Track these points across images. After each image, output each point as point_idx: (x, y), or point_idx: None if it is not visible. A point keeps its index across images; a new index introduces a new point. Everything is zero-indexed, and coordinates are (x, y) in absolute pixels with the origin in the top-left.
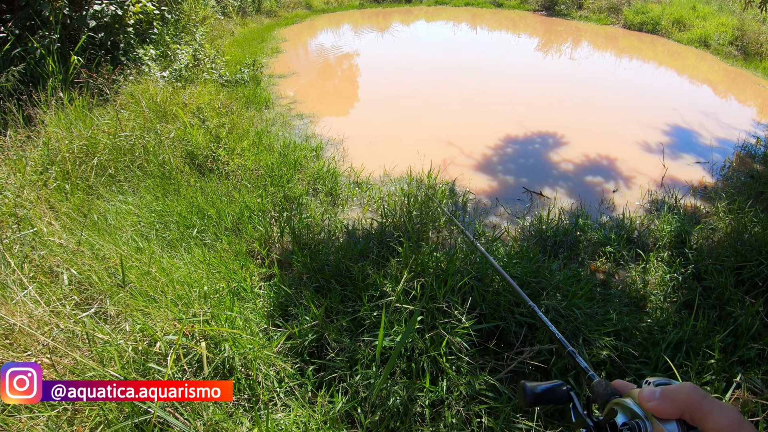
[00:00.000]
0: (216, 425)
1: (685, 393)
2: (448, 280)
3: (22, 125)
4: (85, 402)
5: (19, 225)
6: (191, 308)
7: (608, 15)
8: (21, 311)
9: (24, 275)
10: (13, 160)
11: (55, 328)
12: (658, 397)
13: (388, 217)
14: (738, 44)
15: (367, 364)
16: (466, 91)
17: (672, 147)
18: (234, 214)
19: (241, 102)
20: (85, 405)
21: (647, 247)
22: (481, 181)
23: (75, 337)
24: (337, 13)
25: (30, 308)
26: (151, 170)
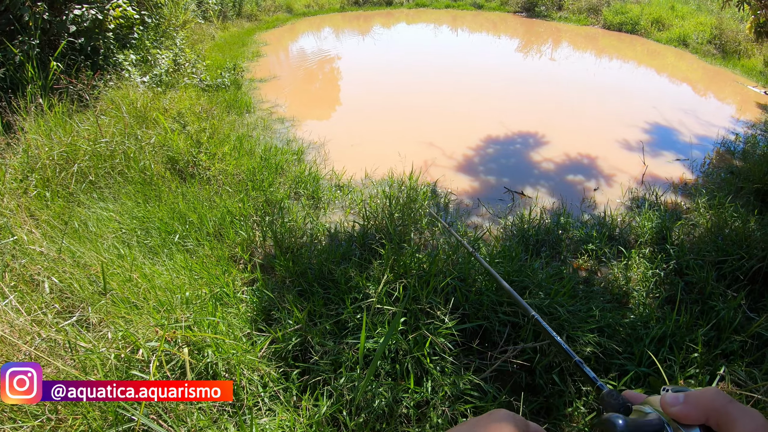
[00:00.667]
0: (200, 431)
1: (710, 397)
2: (430, 281)
3: (1, 132)
4: (68, 411)
5: (0, 233)
6: (173, 314)
7: (588, 16)
8: (2, 320)
9: (5, 284)
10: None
11: (37, 337)
12: (682, 401)
13: (369, 220)
14: (716, 43)
15: (352, 366)
16: (447, 92)
17: (652, 145)
18: (216, 219)
19: (221, 106)
20: (69, 414)
21: (629, 244)
22: (462, 181)
23: (57, 345)
24: (318, 16)
25: (11, 317)
26: (132, 176)
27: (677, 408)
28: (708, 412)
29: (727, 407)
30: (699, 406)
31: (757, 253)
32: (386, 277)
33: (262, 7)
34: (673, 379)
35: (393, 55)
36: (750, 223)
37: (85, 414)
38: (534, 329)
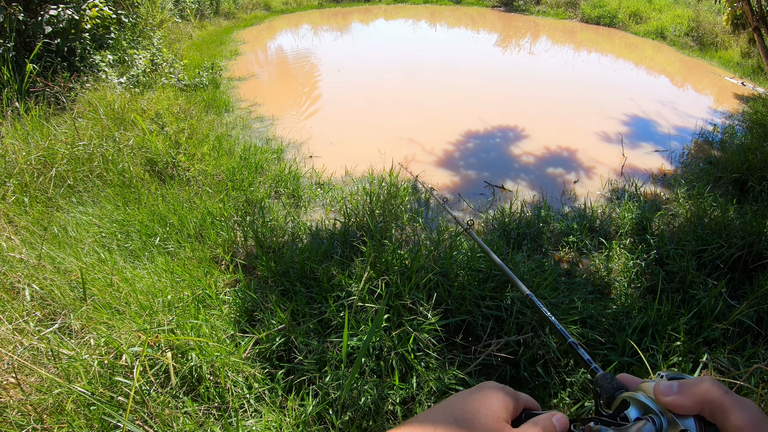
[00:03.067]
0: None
1: (705, 387)
2: (412, 277)
3: None
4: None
5: None
6: (156, 318)
7: (566, 9)
8: None
9: None
10: None
11: (20, 346)
12: (677, 391)
13: (350, 217)
14: (694, 35)
15: (336, 365)
16: (426, 88)
17: (631, 137)
18: (196, 220)
19: (200, 106)
20: (54, 423)
21: (609, 236)
22: (443, 176)
23: (40, 354)
24: (296, 13)
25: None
26: (111, 179)
27: (671, 398)
28: (703, 403)
29: (722, 398)
30: (693, 397)
31: (736, 242)
32: (368, 275)
33: (240, 5)
34: (656, 367)
35: (372, 52)
36: (729, 212)
37: (71, 422)
38: (517, 322)
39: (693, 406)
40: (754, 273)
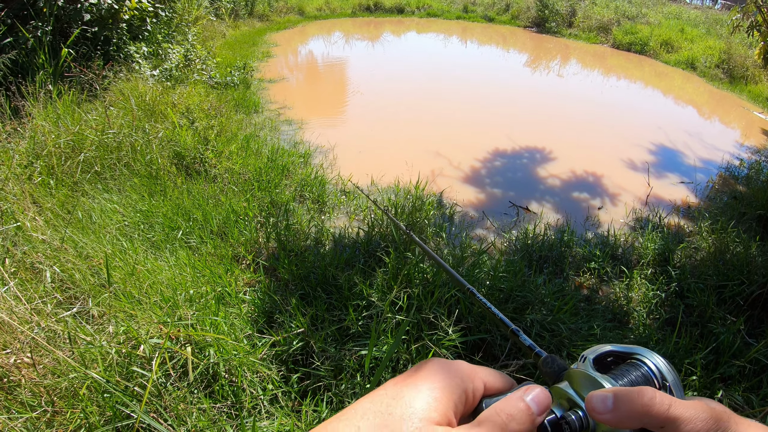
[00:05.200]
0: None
1: (646, 401)
2: (435, 291)
3: (9, 117)
4: (66, 404)
5: (2, 219)
6: (176, 311)
7: (598, 34)
8: (1, 307)
9: (5, 270)
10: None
11: (36, 327)
12: (611, 408)
13: (374, 227)
14: (724, 67)
15: (352, 373)
16: (455, 103)
17: (657, 166)
18: (220, 217)
19: (230, 105)
20: (67, 407)
21: (631, 264)
22: (468, 193)
23: (56, 336)
24: (329, 20)
25: (11, 304)
26: (138, 169)
27: (606, 416)
28: (645, 419)
29: (668, 413)
30: (634, 414)
31: (757, 279)
32: (390, 286)
33: (274, 8)
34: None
35: (402, 64)
36: (751, 249)
37: (84, 408)
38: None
39: (633, 424)
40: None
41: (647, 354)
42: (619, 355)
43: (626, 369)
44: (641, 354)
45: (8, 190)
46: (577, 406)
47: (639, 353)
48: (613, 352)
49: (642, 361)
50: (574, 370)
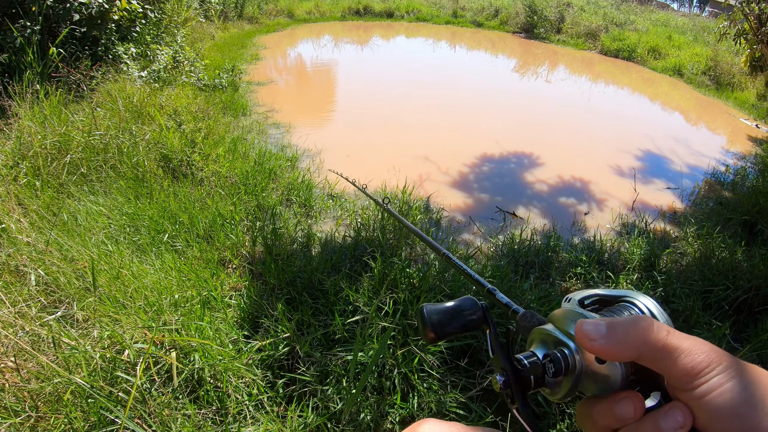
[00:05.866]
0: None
1: (643, 329)
2: (421, 296)
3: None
4: (50, 408)
5: None
6: (162, 316)
7: (586, 40)
8: None
9: None
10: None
11: (20, 330)
12: (605, 334)
13: (361, 232)
14: (711, 74)
15: (338, 378)
16: (443, 108)
17: (644, 172)
18: (206, 221)
19: (218, 107)
20: (51, 412)
21: (617, 269)
22: (456, 198)
23: (40, 340)
24: (319, 23)
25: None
26: (124, 171)
27: (599, 343)
28: (640, 349)
29: (666, 340)
30: (629, 343)
31: (742, 284)
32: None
33: (264, 10)
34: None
35: (391, 68)
36: (737, 254)
37: (68, 413)
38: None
39: (628, 354)
40: (759, 316)
41: (637, 295)
42: (607, 299)
43: (615, 309)
44: (631, 296)
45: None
46: (563, 345)
47: (628, 295)
48: (600, 296)
49: (632, 302)
50: (558, 310)
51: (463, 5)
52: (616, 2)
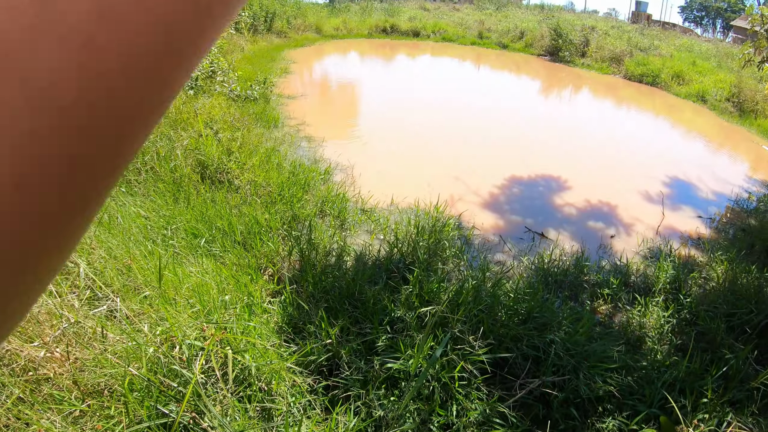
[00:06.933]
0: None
1: None
2: (461, 308)
3: None
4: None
5: None
6: (212, 315)
7: (610, 65)
8: None
9: None
10: None
11: (65, 322)
12: None
13: (395, 246)
14: (734, 101)
15: (378, 385)
16: (470, 127)
17: (670, 198)
18: (243, 227)
19: (250, 118)
20: (97, 404)
21: (643, 292)
22: (487, 218)
23: (84, 333)
24: (346, 40)
25: (41, 298)
26: (163, 175)
27: None
28: None
29: None
30: None
31: (765, 309)
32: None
33: (293, 25)
34: (682, 422)
35: (417, 86)
36: (760, 280)
37: (126, 404)
38: (553, 363)
39: None
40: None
41: None
42: None
43: None
44: None
45: None
46: None
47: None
48: None
49: None
50: None
51: (488, 27)
52: (640, 27)
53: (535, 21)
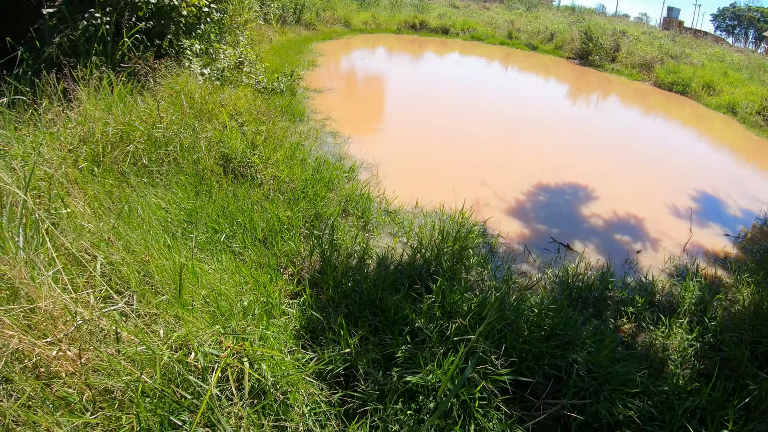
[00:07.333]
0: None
1: None
2: (483, 325)
3: (59, 98)
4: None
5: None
6: (230, 321)
7: (640, 71)
8: (46, 294)
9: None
10: (46, 134)
11: (80, 318)
12: None
13: (418, 252)
14: (765, 114)
15: (395, 399)
16: (496, 129)
17: (699, 214)
18: (264, 224)
19: (276, 111)
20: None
21: (668, 312)
22: (512, 225)
23: (98, 330)
24: (374, 34)
25: (57, 292)
26: (185, 167)
27: None
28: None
29: None
30: None
31: None
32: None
33: (321, 17)
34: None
35: (444, 84)
36: None
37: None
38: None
39: None
40: None
41: None
42: None
43: None
44: None
45: (62, 173)
46: None
47: None
48: None
49: None
50: None
51: (518, 27)
52: (672, 34)
53: (566, 23)
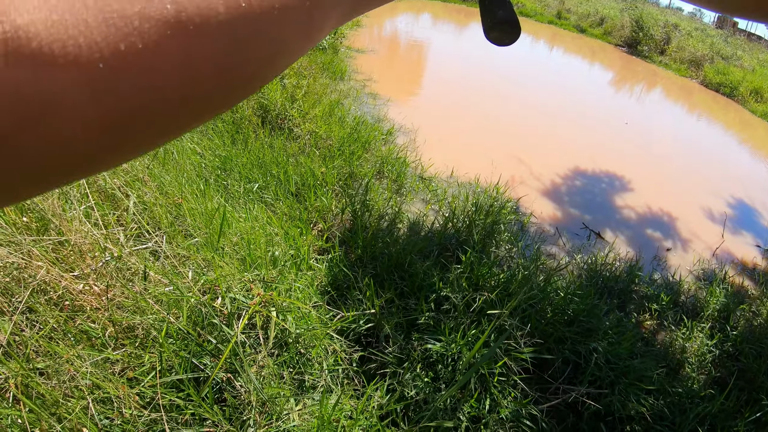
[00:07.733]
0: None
1: None
2: (511, 299)
3: None
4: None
5: None
6: (260, 270)
7: (688, 67)
8: (76, 228)
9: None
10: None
11: (109, 255)
12: None
13: (450, 221)
14: None
15: (414, 365)
16: (537, 108)
17: (733, 220)
18: (298, 178)
19: (317, 67)
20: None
21: (691, 315)
22: (546, 206)
23: (126, 268)
24: (421, 1)
25: (87, 227)
26: (223, 114)
27: None
28: None
29: None
30: None
31: None
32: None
33: None
34: None
35: (487, 57)
36: None
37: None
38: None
39: None
40: None
41: None
42: None
43: None
44: None
45: None
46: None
47: None
48: None
49: None
50: None
51: (568, 7)
52: (725, 34)
53: (617, 9)
